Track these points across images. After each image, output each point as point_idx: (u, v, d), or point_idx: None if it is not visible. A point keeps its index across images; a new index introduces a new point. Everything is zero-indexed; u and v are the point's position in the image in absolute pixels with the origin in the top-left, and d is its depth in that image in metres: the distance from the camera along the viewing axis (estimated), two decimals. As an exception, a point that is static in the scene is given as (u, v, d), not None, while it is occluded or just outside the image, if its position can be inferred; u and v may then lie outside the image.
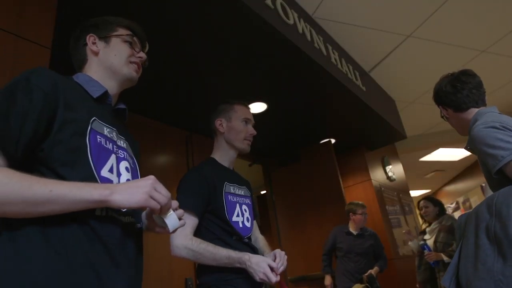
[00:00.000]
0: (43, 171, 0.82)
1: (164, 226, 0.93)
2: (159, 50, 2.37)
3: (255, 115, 3.52)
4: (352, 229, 3.70)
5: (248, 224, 1.63)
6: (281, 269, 1.43)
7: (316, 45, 2.97)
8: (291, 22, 2.65)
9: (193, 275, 2.86)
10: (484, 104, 1.62)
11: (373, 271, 3.49)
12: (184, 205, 1.41)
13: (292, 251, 4.26)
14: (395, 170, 5.42)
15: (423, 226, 3.64)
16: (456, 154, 6.90)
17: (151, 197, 0.83)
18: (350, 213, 3.70)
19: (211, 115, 1.79)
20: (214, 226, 1.51)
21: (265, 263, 1.39)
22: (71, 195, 0.76)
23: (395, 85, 4.62)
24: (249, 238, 1.62)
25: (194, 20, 2.23)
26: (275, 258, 1.46)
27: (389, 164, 5.25)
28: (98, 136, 0.93)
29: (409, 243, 3.64)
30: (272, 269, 1.40)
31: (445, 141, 6.07)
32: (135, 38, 1.15)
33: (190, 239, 1.40)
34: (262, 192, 6.50)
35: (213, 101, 1.86)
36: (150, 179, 0.85)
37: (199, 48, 2.49)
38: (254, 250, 1.59)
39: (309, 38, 2.88)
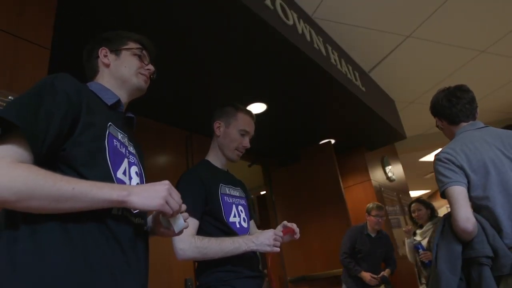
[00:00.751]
0: (63, 169, 0.85)
1: (169, 227, 0.96)
2: (159, 50, 2.37)
3: (254, 115, 3.52)
4: (370, 231, 3.67)
5: (245, 225, 1.64)
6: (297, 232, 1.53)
7: (315, 45, 2.97)
8: (290, 22, 2.65)
9: (192, 275, 2.86)
10: (474, 118, 1.75)
11: (385, 273, 3.50)
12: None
13: (292, 251, 4.26)
14: (395, 170, 5.42)
15: (413, 228, 3.62)
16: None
17: (167, 202, 0.87)
18: (366, 213, 3.68)
19: (213, 112, 1.76)
20: (211, 227, 1.51)
21: (270, 234, 1.44)
22: (92, 194, 0.79)
23: (394, 85, 4.62)
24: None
25: (194, 21, 2.23)
26: (287, 226, 1.51)
27: (389, 165, 5.25)
28: (114, 140, 0.99)
29: (405, 239, 3.61)
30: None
31: (445, 141, 6.00)
32: (144, 52, 1.22)
33: (192, 239, 1.40)
34: (262, 193, 6.50)
35: (213, 102, 1.86)
36: (166, 184, 0.89)
37: (199, 48, 2.49)
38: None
39: (308, 38, 2.88)
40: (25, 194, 0.74)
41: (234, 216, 1.59)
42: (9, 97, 1.37)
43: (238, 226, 1.59)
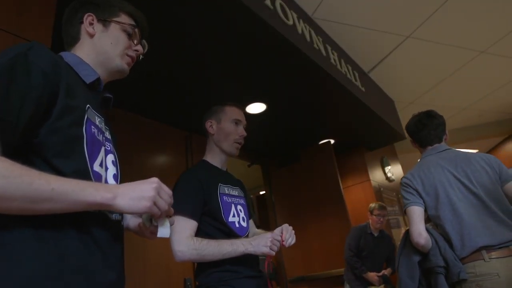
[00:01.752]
0: (34, 161, 0.74)
1: (149, 227, 0.90)
2: (159, 50, 2.38)
3: (254, 115, 3.53)
4: (373, 230, 3.71)
5: (244, 224, 1.64)
6: (290, 241, 1.45)
7: (315, 45, 2.97)
8: (290, 22, 2.65)
9: (192, 275, 2.86)
10: (439, 141, 2.00)
11: (386, 271, 3.51)
12: (182, 210, 1.41)
13: (291, 252, 4.26)
14: (394, 170, 5.42)
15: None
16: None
17: (155, 203, 0.79)
18: (369, 213, 3.71)
19: (203, 117, 1.78)
20: (211, 227, 1.51)
21: (268, 237, 1.42)
22: (73, 196, 0.70)
23: (394, 86, 4.62)
24: (247, 238, 1.63)
25: (193, 20, 2.23)
26: (282, 232, 1.47)
27: (388, 165, 5.25)
28: (92, 127, 0.88)
29: None
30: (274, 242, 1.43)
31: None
32: (136, 30, 1.08)
33: (191, 240, 1.40)
34: (262, 193, 6.51)
35: (212, 102, 1.86)
36: (154, 183, 0.80)
37: (199, 48, 2.49)
38: None
39: (308, 38, 2.88)
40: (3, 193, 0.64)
41: (233, 215, 1.59)
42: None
43: (237, 225, 1.59)
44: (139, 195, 0.77)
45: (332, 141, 4.49)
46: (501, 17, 3.53)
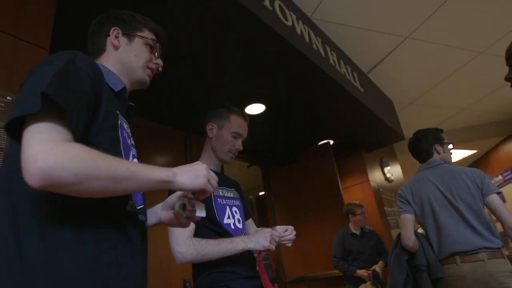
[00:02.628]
0: None
1: (182, 214, 0.97)
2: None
3: (254, 116, 3.54)
4: (354, 230, 3.75)
5: (239, 225, 1.64)
6: (290, 237, 1.51)
7: (314, 46, 2.98)
8: (289, 23, 2.65)
9: (191, 276, 2.86)
10: (430, 156, 2.30)
11: (377, 267, 3.52)
12: None
13: (290, 252, 4.26)
14: (393, 171, 5.43)
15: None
16: (454, 155, 6.92)
17: (208, 182, 0.88)
18: (350, 215, 3.74)
19: (206, 114, 1.76)
20: (207, 230, 1.51)
21: (267, 231, 1.46)
22: (143, 174, 0.77)
23: (393, 86, 4.63)
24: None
25: (193, 21, 2.24)
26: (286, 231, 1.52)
27: (388, 165, 5.25)
28: (123, 132, 0.94)
29: None
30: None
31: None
32: (157, 45, 1.16)
33: (190, 241, 1.40)
34: (261, 193, 6.51)
35: (212, 102, 1.86)
36: (204, 164, 0.90)
37: (198, 49, 2.50)
38: (249, 251, 1.60)
39: (307, 39, 2.88)
40: (85, 175, 0.67)
41: (228, 217, 1.59)
42: (7, 98, 1.37)
43: (233, 227, 1.59)
44: (195, 174, 0.87)
45: (332, 142, 4.49)
46: (500, 18, 3.54)
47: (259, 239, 1.43)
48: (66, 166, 0.65)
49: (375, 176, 4.89)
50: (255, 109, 3.42)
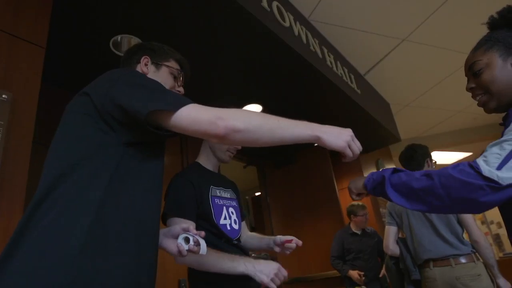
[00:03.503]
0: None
1: (183, 246, 1.05)
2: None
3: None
4: (355, 229, 3.76)
5: (236, 226, 1.63)
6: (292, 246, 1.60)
7: (311, 47, 2.98)
8: (287, 24, 2.66)
9: (186, 276, 2.85)
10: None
11: (383, 271, 3.56)
12: (178, 213, 1.41)
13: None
14: (389, 172, 5.44)
15: None
16: (450, 157, 6.95)
17: (349, 146, 0.99)
18: (352, 215, 3.75)
19: None
20: (203, 230, 1.50)
21: (274, 267, 1.43)
22: (290, 129, 0.96)
23: (389, 88, 4.65)
24: (238, 240, 1.63)
25: (189, 21, 2.23)
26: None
27: (383, 167, 5.27)
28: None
29: None
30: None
31: (439, 144, 6.11)
32: (181, 74, 1.27)
33: None
34: (257, 194, 6.51)
35: (208, 103, 1.85)
36: (350, 131, 1.02)
37: (194, 48, 2.49)
38: (244, 252, 1.59)
39: (304, 40, 2.89)
40: (258, 129, 0.91)
41: (225, 218, 1.59)
42: (3, 96, 1.37)
43: (229, 228, 1.58)
44: (339, 136, 1.00)
45: (328, 143, 4.49)
46: (496, 21, 3.56)
47: (263, 270, 1.40)
48: (249, 121, 0.91)
49: (371, 178, 4.89)
50: (252, 109, 3.42)
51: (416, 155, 2.45)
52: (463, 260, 2.13)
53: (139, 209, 0.89)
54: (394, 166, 4.59)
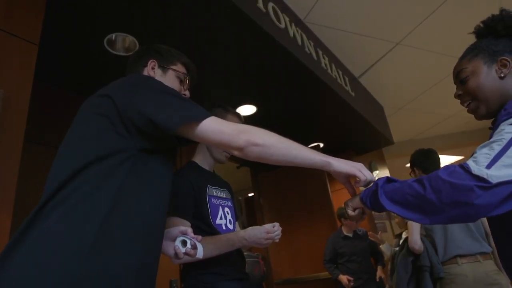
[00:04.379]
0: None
1: (181, 250, 1.07)
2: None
3: (244, 117, 3.52)
4: (347, 232, 3.77)
5: (230, 226, 1.63)
6: (277, 233, 1.53)
7: (306, 49, 2.99)
8: (282, 25, 2.66)
9: (178, 276, 2.85)
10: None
11: (380, 273, 3.57)
12: (175, 210, 1.41)
13: (279, 254, 4.26)
14: (382, 175, 5.47)
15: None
16: (442, 160, 7.00)
17: (360, 171, 1.01)
18: (342, 218, 3.76)
19: None
20: (197, 229, 1.50)
21: (261, 229, 1.48)
22: (307, 158, 1.00)
23: (384, 91, 4.67)
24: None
25: (184, 21, 2.23)
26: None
27: (376, 169, 5.30)
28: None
29: (380, 246, 3.67)
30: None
31: (432, 147, 6.15)
32: (187, 78, 1.29)
33: None
34: (250, 195, 6.50)
35: (203, 102, 1.85)
36: (361, 164, 1.04)
37: (190, 48, 2.49)
38: (238, 251, 1.59)
39: (300, 42, 2.90)
40: (275, 146, 0.96)
41: (221, 218, 1.59)
42: (-5, 93, 1.35)
43: (224, 228, 1.58)
44: (348, 162, 1.03)
45: (321, 145, 4.51)
46: (489, 26, 3.59)
47: (254, 235, 1.47)
48: (266, 138, 0.97)
49: (364, 180, 4.91)
50: (246, 110, 3.42)
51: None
52: (487, 257, 2.22)
53: (148, 213, 0.91)
54: (387, 168, 4.63)
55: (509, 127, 0.88)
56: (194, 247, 1.08)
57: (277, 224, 1.53)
